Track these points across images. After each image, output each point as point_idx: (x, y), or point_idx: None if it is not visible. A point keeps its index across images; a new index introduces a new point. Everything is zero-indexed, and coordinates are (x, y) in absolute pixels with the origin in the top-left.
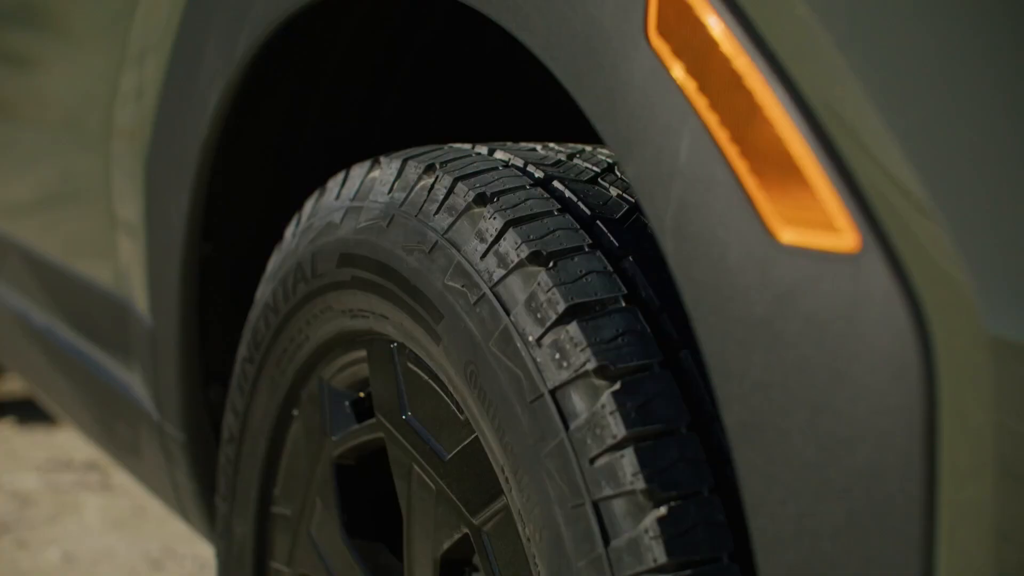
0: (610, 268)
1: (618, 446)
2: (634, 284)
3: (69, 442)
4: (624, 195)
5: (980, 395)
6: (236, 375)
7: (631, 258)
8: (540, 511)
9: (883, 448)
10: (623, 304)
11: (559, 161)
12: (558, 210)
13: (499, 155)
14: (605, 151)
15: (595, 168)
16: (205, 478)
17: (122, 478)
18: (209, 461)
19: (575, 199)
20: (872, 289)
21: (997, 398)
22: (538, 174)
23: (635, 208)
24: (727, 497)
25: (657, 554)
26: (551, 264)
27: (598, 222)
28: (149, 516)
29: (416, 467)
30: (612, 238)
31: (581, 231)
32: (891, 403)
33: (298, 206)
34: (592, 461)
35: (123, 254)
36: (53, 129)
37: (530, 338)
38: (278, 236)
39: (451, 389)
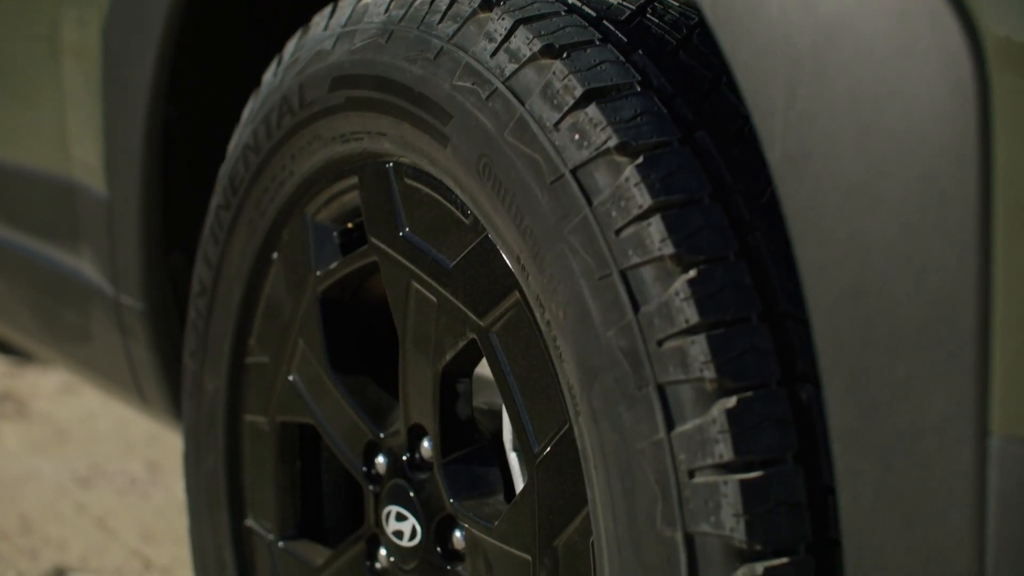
0: (622, 59)
1: (644, 215)
2: (646, 74)
3: None
4: (625, 2)
5: None
6: (209, 225)
7: (640, 52)
8: (564, 289)
9: (937, 156)
10: (639, 89)
11: None
12: (565, 11)
13: None
14: None
15: None
16: (165, 347)
17: (40, 405)
18: (170, 329)
19: (579, 3)
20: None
21: None
22: None
23: (640, 10)
24: (752, 263)
25: (689, 315)
26: (565, 55)
27: (605, 21)
28: (72, 439)
29: (415, 283)
30: (620, 35)
31: (590, 28)
32: (944, 111)
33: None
34: (618, 232)
35: (71, 131)
36: None
37: (547, 123)
38: (241, 103)
39: (457, 192)
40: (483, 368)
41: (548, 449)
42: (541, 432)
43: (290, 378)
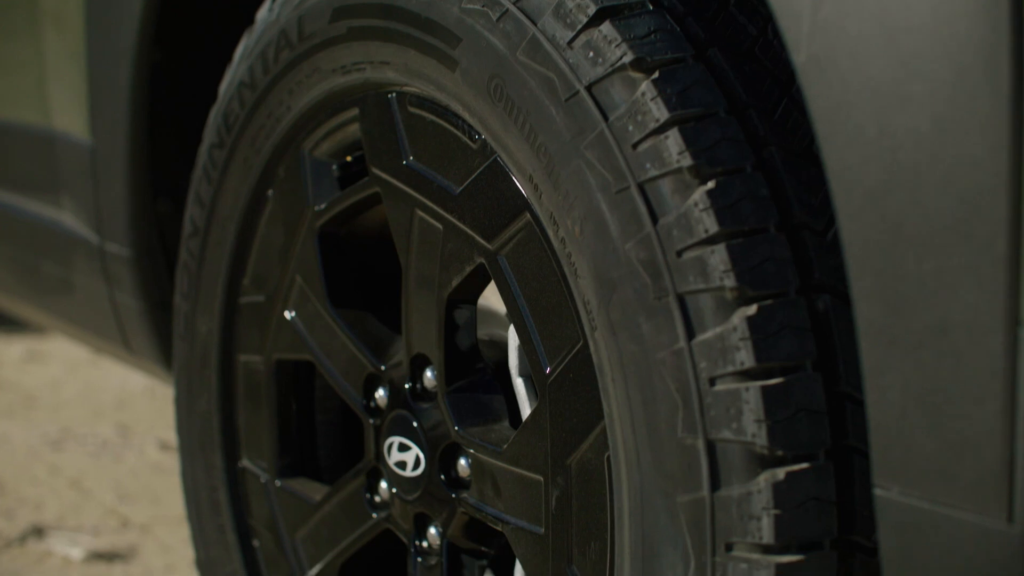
0: None
1: (661, 129)
2: None
3: None
4: None
5: None
6: (202, 165)
7: None
8: (580, 204)
9: (968, 50)
10: (650, 7)
11: None
12: None
13: None
14: None
15: None
16: (152, 294)
17: (5, 373)
18: (157, 275)
19: None
20: None
21: None
22: None
23: None
24: (769, 175)
25: (708, 225)
26: None
27: None
28: (40, 405)
29: (420, 212)
30: None
31: None
32: (975, 5)
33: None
34: (635, 146)
35: (51, 78)
36: None
37: (561, 42)
38: (229, 46)
39: (465, 116)
40: (485, 299)
41: (560, 368)
42: (552, 352)
43: (287, 315)
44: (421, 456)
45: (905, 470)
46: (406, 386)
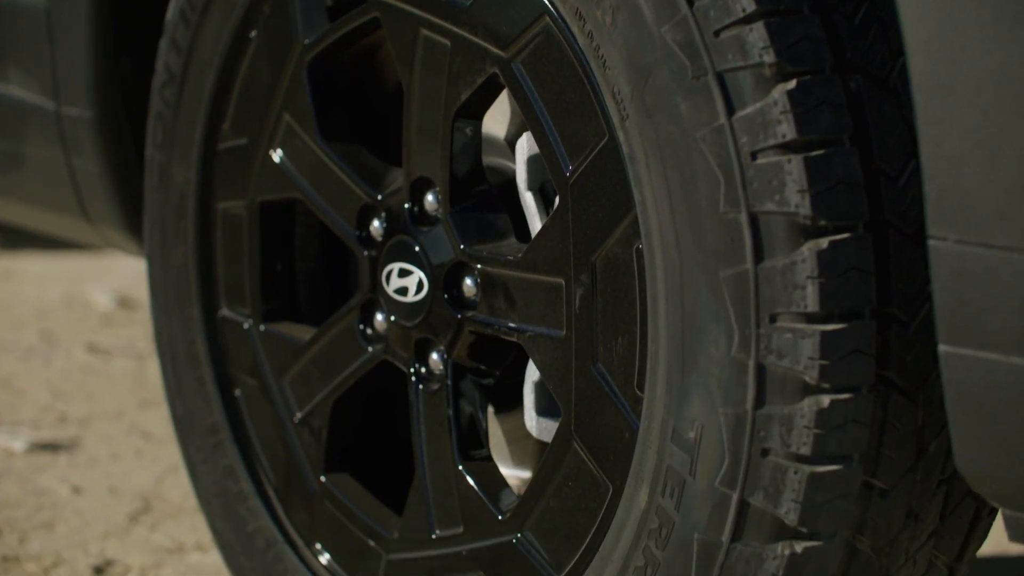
0: None
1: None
2: None
3: None
4: None
5: None
6: (178, 9)
7: None
8: None
9: None
10: None
11: None
12: None
13: None
14: None
15: None
16: (115, 155)
17: None
18: (120, 136)
19: None
20: None
21: None
22: None
23: None
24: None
25: (745, 4)
26: None
27: None
28: None
29: (424, 31)
30: None
31: None
32: None
33: None
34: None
35: None
36: None
37: None
38: None
39: None
40: (485, 126)
41: (583, 167)
42: (574, 152)
43: (273, 155)
44: (424, 279)
45: (962, 217)
46: (405, 208)
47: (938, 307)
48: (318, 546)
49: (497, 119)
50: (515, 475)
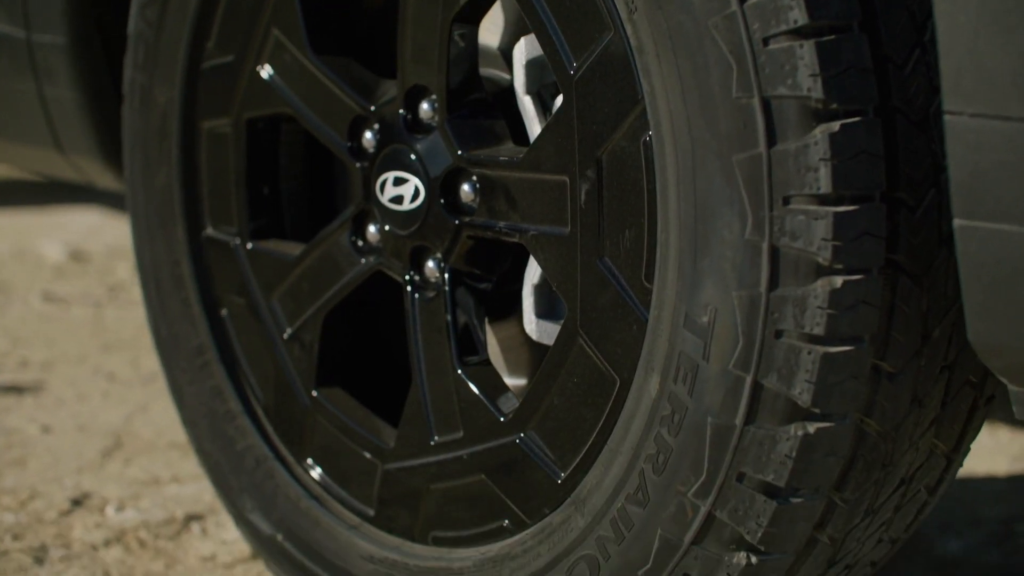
0: None
1: None
2: None
3: None
4: None
5: None
6: None
7: None
8: None
9: None
10: None
11: None
12: None
13: None
14: None
15: None
16: (90, 82)
17: None
18: (95, 62)
19: None
20: None
21: None
22: None
23: None
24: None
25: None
26: None
27: None
28: None
29: None
30: None
31: None
32: None
33: None
34: None
35: None
36: None
37: None
38: None
39: None
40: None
41: (588, 63)
42: (578, 48)
43: (261, 72)
44: (420, 186)
45: (978, 90)
46: (400, 116)
47: (954, 182)
48: (309, 461)
49: (490, 29)
50: (510, 383)
